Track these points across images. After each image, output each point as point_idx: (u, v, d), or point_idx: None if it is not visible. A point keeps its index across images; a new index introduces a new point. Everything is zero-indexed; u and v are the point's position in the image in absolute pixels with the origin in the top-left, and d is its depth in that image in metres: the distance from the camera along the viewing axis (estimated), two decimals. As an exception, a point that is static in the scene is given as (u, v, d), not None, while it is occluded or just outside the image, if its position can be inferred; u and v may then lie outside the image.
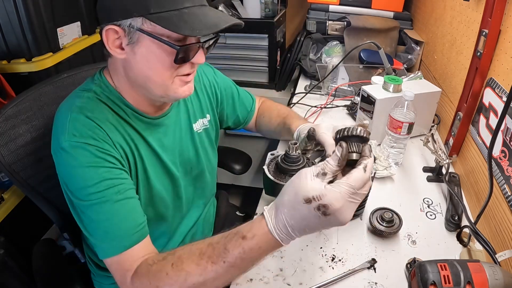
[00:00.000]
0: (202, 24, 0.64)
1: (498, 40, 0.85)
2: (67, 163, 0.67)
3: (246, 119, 1.08)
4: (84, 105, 0.70)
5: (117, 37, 0.66)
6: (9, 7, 1.13)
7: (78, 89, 0.75)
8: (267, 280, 0.72)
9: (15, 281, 1.07)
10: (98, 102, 0.72)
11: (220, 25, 0.65)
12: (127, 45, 0.66)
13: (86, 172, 0.66)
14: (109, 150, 0.69)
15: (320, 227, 0.55)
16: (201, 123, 0.93)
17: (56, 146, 0.68)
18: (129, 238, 0.67)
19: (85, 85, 0.76)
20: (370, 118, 1.10)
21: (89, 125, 0.68)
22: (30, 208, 0.97)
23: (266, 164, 0.86)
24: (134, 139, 0.76)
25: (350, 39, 1.56)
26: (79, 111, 0.69)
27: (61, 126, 0.68)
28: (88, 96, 0.72)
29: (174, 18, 0.63)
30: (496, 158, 0.77)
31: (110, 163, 0.68)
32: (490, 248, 0.68)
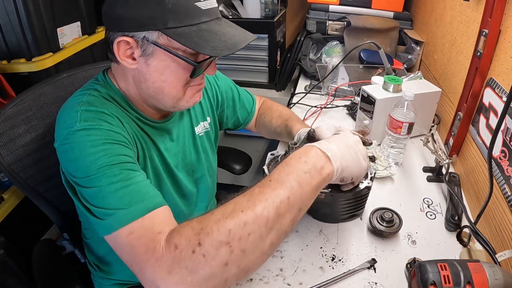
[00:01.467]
0: (222, 44, 0.63)
1: (498, 40, 0.85)
2: (78, 144, 0.61)
3: (246, 120, 1.08)
4: (92, 100, 0.68)
5: (129, 47, 0.64)
6: (9, 7, 1.13)
7: (81, 90, 0.73)
8: (267, 280, 0.72)
9: (15, 281, 1.07)
10: (104, 100, 0.70)
11: (239, 45, 0.64)
12: (140, 56, 0.65)
13: (100, 148, 0.61)
14: (123, 134, 0.67)
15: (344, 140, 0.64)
16: (203, 126, 0.93)
17: (64, 134, 0.63)
18: (152, 200, 0.59)
19: (88, 85, 0.74)
20: (370, 118, 1.10)
21: (101, 114, 0.65)
22: (30, 208, 0.97)
23: (266, 164, 0.86)
24: (143, 138, 0.75)
25: (350, 39, 1.56)
26: (88, 105, 0.66)
27: (70, 119, 0.64)
28: (94, 94, 0.70)
29: (193, 34, 0.62)
30: (496, 158, 0.77)
31: (124, 143, 0.66)
32: (490, 248, 0.68)
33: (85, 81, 0.96)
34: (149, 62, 0.65)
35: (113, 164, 0.60)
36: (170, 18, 0.61)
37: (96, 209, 0.58)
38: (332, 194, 0.79)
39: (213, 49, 0.61)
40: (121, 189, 0.58)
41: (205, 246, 0.49)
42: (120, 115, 0.70)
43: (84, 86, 0.74)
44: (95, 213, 0.58)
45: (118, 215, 0.56)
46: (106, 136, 0.63)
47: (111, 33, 0.65)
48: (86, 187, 0.60)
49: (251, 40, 0.68)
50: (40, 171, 0.85)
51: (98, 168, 0.59)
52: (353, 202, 0.82)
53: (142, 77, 0.68)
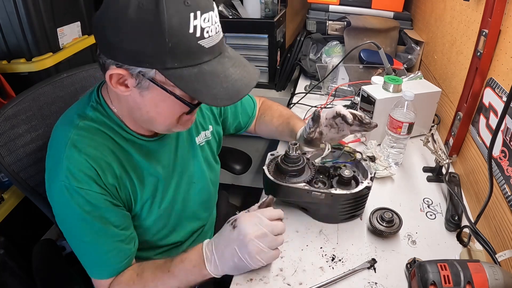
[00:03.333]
0: (224, 91, 0.59)
1: (498, 40, 0.85)
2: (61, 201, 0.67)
3: (247, 124, 1.08)
4: (80, 138, 0.67)
5: (122, 77, 0.61)
6: (9, 7, 1.13)
7: (74, 111, 0.71)
8: (267, 280, 0.72)
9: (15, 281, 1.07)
10: (94, 132, 0.69)
11: (242, 93, 0.61)
12: (134, 87, 0.62)
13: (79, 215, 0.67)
14: (102, 193, 0.68)
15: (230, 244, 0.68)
16: (204, 135, 0.92)
17: (51, 181, 0.68)
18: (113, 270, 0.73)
19: (81, 106, 0.72)
20: (370, 118, 1.10)
21: (81, 165, 0.66)
22: (30, 208, 0.97)
23: (266, 165, 0.86)
24: (133, 165, 0.75)
25: (350, 39, 1.56)
26: (73, 147, 0.66)
27: (56, 161, 0.67)
28: (83, 126, 0.69)
29: (193, 78, 0.58)
30: (496, 158, 0.77)
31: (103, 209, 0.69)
32: (490, 248, 0.68)
33: (85, 81, 0.97)
34: (143, 94, 0.63)
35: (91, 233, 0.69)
36: (170, 58, 0.56)
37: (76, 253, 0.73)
38: (332, 194, 0.79)
39: (213, 97, 0.59)
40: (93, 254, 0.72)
41: None
42: (106, 153, 0.69)
43: (77, 106, 0.73)
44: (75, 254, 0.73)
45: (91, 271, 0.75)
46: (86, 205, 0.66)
47: (102, 56, 0.61)
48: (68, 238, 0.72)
49: (254, 85, 0.64)
50: (40, 171, 0.85)
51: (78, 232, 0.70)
52: (353, 202, 0.82)
53: (136, 105, 0.66)
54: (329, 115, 0.88)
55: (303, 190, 0.80)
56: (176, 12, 0.54)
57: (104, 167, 0.69)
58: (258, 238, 0.67)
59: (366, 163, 0.88)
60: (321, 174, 0.89)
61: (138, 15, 0.54)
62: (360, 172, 0.88)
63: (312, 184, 0.84)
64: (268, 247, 0.68)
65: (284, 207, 0.89)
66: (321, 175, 0.88)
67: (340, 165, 0.88)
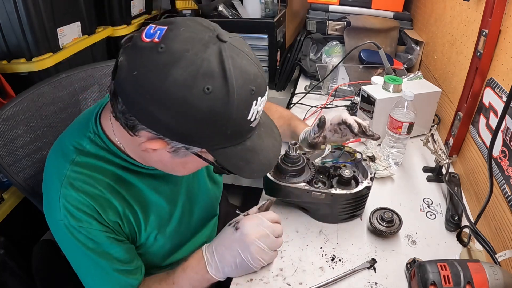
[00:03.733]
0: (260, 166, 0.60)
1: (498, 40, 0.85)
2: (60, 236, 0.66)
3: None
4: (76, 175, 0.63)
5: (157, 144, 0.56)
6: (9, 7, 1.13)
7: (70, 142, 0.66)
8: (267, 280, 0.72)
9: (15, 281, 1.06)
10: (92, 168, 0.64)
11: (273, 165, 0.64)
12: (167, 151, 0.58)
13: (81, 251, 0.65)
14: (104, 230, 0.65)
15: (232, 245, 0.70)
16: None
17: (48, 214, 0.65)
18: None
19: (77, 135, 0.66)
20: (370, 118, 1.10)
21: (80, 204, 0.62)
22: (30, 208, 0.97)
23: (266, 164, 0.85)
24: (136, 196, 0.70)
25: (350, 39, 1.56)
26: (70, 186, 0.62)
27: (53, 198, 0.63)
28: (80, 162, 0.63)
29: (238, 156, 0.57)
30: (496, 158, 0.77)
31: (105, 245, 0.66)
32: (490, 248, 0.68)
33: (84, 81, 0.96)
34: (175, 158, 0.59)
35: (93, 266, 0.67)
36: (222, 141, 0.55)
37: None
38: (332, 194, 0.79)
39: (251, 173, 0.59)
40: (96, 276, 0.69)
41: None
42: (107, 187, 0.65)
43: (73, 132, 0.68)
44: None
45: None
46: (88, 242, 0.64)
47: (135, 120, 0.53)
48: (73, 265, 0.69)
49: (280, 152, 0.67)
50: (40, 172, 0.84)
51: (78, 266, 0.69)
52: (353, 202, 0.81)
53: (160, 161, 0.62)
54: (334, 121, 0.89)
55: (303, 190, 0.80)
56: (244, 102, 0.52)
57: (105, 205, 0.64)
58: (260, 238, 0.69)
59: (366, 163, 0.87)
60: (321, 174, 0.89)
61: (203, 102, 0.49)
62: (360, 172, 0.88)
63: (312, 184, 0.84)
64: (269, 248, 0.70)
65: (284, 207, 0.89)
66: (321, 175, 0.88)
67: (340, 165, 0.88)
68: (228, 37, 0.52)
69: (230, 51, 0.51)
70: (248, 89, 0.52)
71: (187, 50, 0.48)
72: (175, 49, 0.48)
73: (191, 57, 0.48)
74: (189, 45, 0.49)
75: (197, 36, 0.50)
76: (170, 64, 0.48)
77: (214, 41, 0.50)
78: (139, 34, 0.51)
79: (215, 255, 0.71)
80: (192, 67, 0.48)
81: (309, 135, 0.91)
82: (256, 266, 0.70)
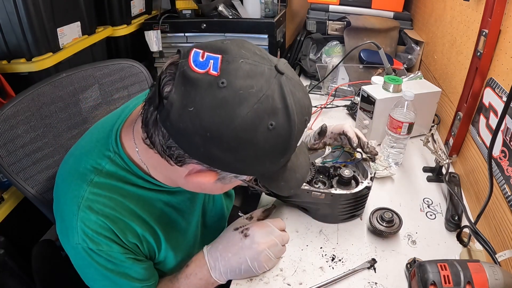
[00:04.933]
0: (295, 182, 0.60)
1: (498, 40, 0.85)
2: (78, 261, 0.63)
3: None
4: (95, 197, 0.60)
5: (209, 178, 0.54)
6: (9, 7, 1.13)
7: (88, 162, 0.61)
8: (267, 280, 0.72)
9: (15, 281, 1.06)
10: (112, 190, 0.61)
11: (305, 179, 0.65)
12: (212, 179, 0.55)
13: (100, 273, 0.62)
14: (124, 252, 0.63)
15: (240, 252, 0.69)
16: None
17: (65, 238, 0.61)
18: None
19: (96, 155, 0.62)
20: (370, 118, 1.10)
21: (99, 228, 0.59)
22: (30, 208, 0.97)
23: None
24: (157, 216, 0.68)
25: (350, 39, 1.56)
26: (88, 209, 0.59)
27: (69, 221, 0.59)
28: (99, 183, 0.60)
29: (280, 177, 0.57)
30: (496, 158, 0.77)
31: (125, 267, 0.64)
32: (490, 248, 0.68)
33: (84, 80, 0.96)
34: (218, 183, 0.57)
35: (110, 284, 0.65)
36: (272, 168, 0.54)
37: None
38: (332, 194, 0.79)
39: (289, 189, 0.60)
40: None
41: None
42: (127, 209, 0.62)
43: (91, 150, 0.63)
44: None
45: None
46: (108, 264, 0.62)
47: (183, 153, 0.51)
48: None
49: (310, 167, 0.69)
50: (40, 172, 0.85)
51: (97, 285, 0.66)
52: (353, 202, 0.81)
53: (198, 186, 0.59)
54: (336, 130, 0.88)
55: (303, 190, 0.80)
56: (300, 133, 0.52)
57: (124, 228, 0.62)
58: (270, 248, 0.70)
59: (366, 163, 0.87)
60: (321, 174, 0.89)
61: (267, 139, 0.48)
62: (360, 172, 0.88)
63: (312, 184, 0.84)
64: (275, 256, 0.72)
65: (284, 207, 0.89)
66: (321, 175, 0.88)
67: (340, 165, 0.88)
68: (283, 66, 0.49)
69: (289, 85, 0.49)
70: (304, 121, 0.52)
71: (251, 86, 0.46)
72: (240, 86, 0.45)
73: (257, 94, 0.46)
74: (253, 81, 0.46)
75: (257, 70, 0.47)
76: (236, 103, 0.45)
77: (274, 74, 0.48)
78: (186, 61, 0.46)
79: (220, 261, 0.70)
80: (258, 105, 0.46)
81: (309, 141, 0.91)
82: (259, 272, 0.71)
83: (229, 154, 0.48)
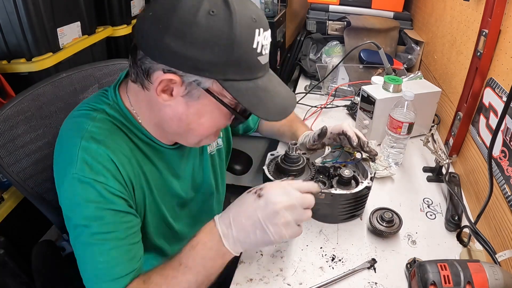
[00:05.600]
0: (274, 107, 0.61)
1: (498, 40, 0.85)
2: (72, 197, 0.62)
3: (256, 125, 1.08)
4: (96, 130, 0.63)
5: (171, 83, 0.59)
6: (9, 7, 1.13)
7: (89, 106, 0.67)
8: (267, 280, 0.72)
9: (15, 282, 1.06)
10: (111, 126, 0.66)
11: (288, 112, 0.63)
12: (181, 96, 0.60)
13: (91, 211, 0.61)
14: (119, 190, 0.63)
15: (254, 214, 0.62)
16: (216, 143, 0.90)
17: (62, 176, 0.63)
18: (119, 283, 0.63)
19: (96, 101, 0.68)
20: (370, 118, 1.10)
21: (100, 157, 0.62)
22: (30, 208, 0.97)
23: (266, 165, 0.85)
24: (146, 168, 0.71)
25: (350, 39, 1.56)
26: (90, 139, 0.62)
27: (70, 154, 0.62)
28: (101, 118, 0.65)
29: (250, 92, 0.59)
30: (496, 158, 0.77)
31: (117, 205, 0.63)
32: (490, 248, 0.68)
33: (84, 80, 0.96)
34: (190, 104, 0.61)
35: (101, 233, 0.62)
36: (232, 70, 0.57)
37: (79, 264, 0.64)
38: (332, 194, 0.79)
39: (266, 112, 0.60)
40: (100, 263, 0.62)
41: None
42: (123, 150, 0.65)
43: (91, 101, 0.69)
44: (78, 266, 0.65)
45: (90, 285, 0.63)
46: (99, 197, 0.61)
47: (150, 61, 0.58)
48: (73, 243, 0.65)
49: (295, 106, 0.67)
50: (40, 172, 0.85)
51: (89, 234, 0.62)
52: (353, 202, 0.81)
53: (175, 115, 0.63)
54: (335, 130, 0.88)
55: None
56: (246, 25, 0.56)
57: (124, 162, 0.64)
58: (286, 208, 0.61)
59: (366, 163, 0.88)
60: (321, 174, 0.89)
61: (209, 23, 0.53)
62: (360, 172, 0.88)
63: (312, 184, 0.84)
64: (295, 221, 0.62)
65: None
66: (321, 175, 0.88)
67: (340, 165, 0.88)
68: None
69: None
70: (249, 16, 0.56)
71: None
72: None
73: None
74: None
75: None
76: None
77: None
78: None
79: (233, 226, 0.62)
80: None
81: (308, 141, 0.91)
82: (277, 240, 0.62)
83: (180, 41, 0.54)
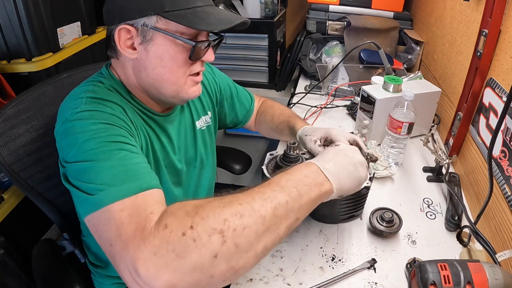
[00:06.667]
0: (217, 20, 0.67)
1: (498, 40, 0.85)
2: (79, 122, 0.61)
3: (245, 118, 1.09)
4: (97, 90, 0.69)
5: (129, 37, 0.67)
6: (9, 7, 1.13)
7: (85, 82, 0.74)
8: (267, 280, 0.72)
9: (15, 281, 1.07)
10: (109, 91, 0.71)
11: (234, 21, 0.68)
12: (140, 44, 0.67)
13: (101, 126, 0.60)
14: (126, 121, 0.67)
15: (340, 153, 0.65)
16: (204, 120, 0.95)
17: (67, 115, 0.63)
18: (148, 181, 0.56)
19: (93, 77, 0.75)
20: (370, 118, 1.10)
21: (105, 102, 0.67)
22: (30, 208, 0.97)
23: (265, 164, 0.85)
24: (146, 130, 0.76)
25: (350, 39, 1.56)
26: (93, 93, 0.68)
27: (74, 104, 0.65)
28: (99, 85, 0.71)
29: (189, 15, 0.65)
30: (496, 158, 0.77)
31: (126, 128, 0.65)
32: (490, 248, 0.68)
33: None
34: (148, 49, 0.67)
35: (112, 141, 0.59)
36: (167, 2, 0.64)
37: (86, 184, 0.54)
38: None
39: (208, 24, 0.65)
40: (117, 166, 0.56)
41: (197, 230, 0.46)
42: (124, 105, 0.71)
43: (88, 78, 0.75)
44: (84, 189, 0.54)
45: (110, 191, 0.52)
46: (108, 118, 0.64)
47: (110, 28, 0.68)
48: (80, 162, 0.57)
49: (244, 19, 0.70)
50: (40, 171, 0.85)
51: (96, 143, 0.57)
52: (353, 202, 0.81)
53: (142, 66, 0.69)
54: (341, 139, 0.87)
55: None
56: None
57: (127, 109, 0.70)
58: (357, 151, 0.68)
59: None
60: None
61: None
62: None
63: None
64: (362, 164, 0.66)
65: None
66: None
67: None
68: None
69: None
70: None
71: None
72: None
73: None
74: None
75: None
76: None
77: None
78: None
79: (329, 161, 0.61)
80: None
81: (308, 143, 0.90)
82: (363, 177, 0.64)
83: None
